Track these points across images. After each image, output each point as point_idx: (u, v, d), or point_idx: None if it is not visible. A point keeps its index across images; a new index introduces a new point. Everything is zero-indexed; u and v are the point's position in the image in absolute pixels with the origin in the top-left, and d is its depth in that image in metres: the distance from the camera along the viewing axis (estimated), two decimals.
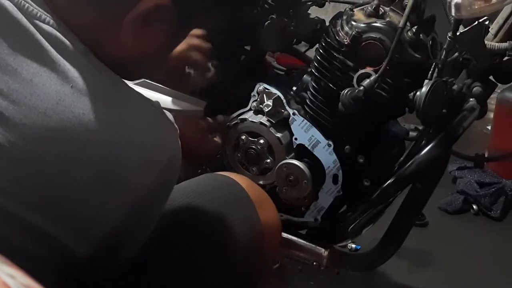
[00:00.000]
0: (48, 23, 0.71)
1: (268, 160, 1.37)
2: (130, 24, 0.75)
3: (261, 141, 1.36)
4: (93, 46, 0.74)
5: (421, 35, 1.20)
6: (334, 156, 1.31)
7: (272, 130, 1.34)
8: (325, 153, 1.31)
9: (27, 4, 0.70)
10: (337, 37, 1.23)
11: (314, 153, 1.33)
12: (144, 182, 0.73)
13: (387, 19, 1.22)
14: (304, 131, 1.32)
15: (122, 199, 0.72)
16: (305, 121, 1.32)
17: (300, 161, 1.33)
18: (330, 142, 1.31)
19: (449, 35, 1.12)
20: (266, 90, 1.34)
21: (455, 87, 1.21)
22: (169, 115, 0.81)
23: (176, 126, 0.81)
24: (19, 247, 0.67)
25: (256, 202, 1.06)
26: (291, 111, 1.33)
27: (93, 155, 0.68)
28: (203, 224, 1.00)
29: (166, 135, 0.78)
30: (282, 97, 1.33)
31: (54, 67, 0.68)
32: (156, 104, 0.79)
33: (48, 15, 0.71)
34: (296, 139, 1.34)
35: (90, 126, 0.67)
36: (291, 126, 1.34)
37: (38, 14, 0.70)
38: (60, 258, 0.71)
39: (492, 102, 2.58)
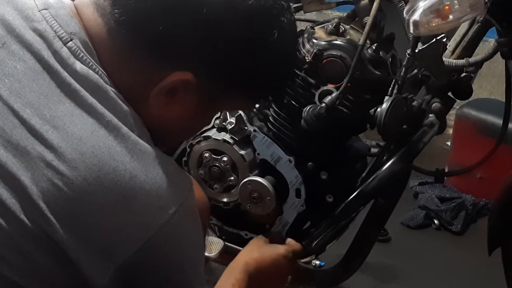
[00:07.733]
0: (105, 82, 0.80)
1: (232, 178, 1.37)
2: (157, 95, 0.83)
3: (225, 158, 1.35)
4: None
5: (381, 52, 1.21)
6: (296, 171, 1.32)
7: (235, 147, 1.34)
8: (287, 168, 1.32)
9: (88, 60, 0.80)
10: (298, 55, 1.24)
11: (277, 167, 1.33)
12: (160, 220, 0.77)
13: (348, 37, 1.24)
14: (265, 147, 1.33)
15: (140, 230, 0.77)
16: (266, 137, 1.32)
17: (264, 178, 1.34)
18: (291, 158, 1.31)
19: (408, 52, 1.14)
20: None
21: (414, 103, 1.23)
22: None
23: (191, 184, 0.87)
24: (44, 268, 0.74)
25: None
26: (251, 128, 1.33)
27: (115, 180, 0.74)
28: None
29: (177, 189, 0.82)
30: (243, 115, 1.34)
31: (90, 112, 0.77)
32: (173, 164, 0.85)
33: (105, 74, 0.81)
34: (258, 154, 1.34)
35: (117, 156, 0.75)
36: (253, 143, 1.34)
37: (93, 67, 0.80)
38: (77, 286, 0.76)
39: (451, 118, 2.63)
